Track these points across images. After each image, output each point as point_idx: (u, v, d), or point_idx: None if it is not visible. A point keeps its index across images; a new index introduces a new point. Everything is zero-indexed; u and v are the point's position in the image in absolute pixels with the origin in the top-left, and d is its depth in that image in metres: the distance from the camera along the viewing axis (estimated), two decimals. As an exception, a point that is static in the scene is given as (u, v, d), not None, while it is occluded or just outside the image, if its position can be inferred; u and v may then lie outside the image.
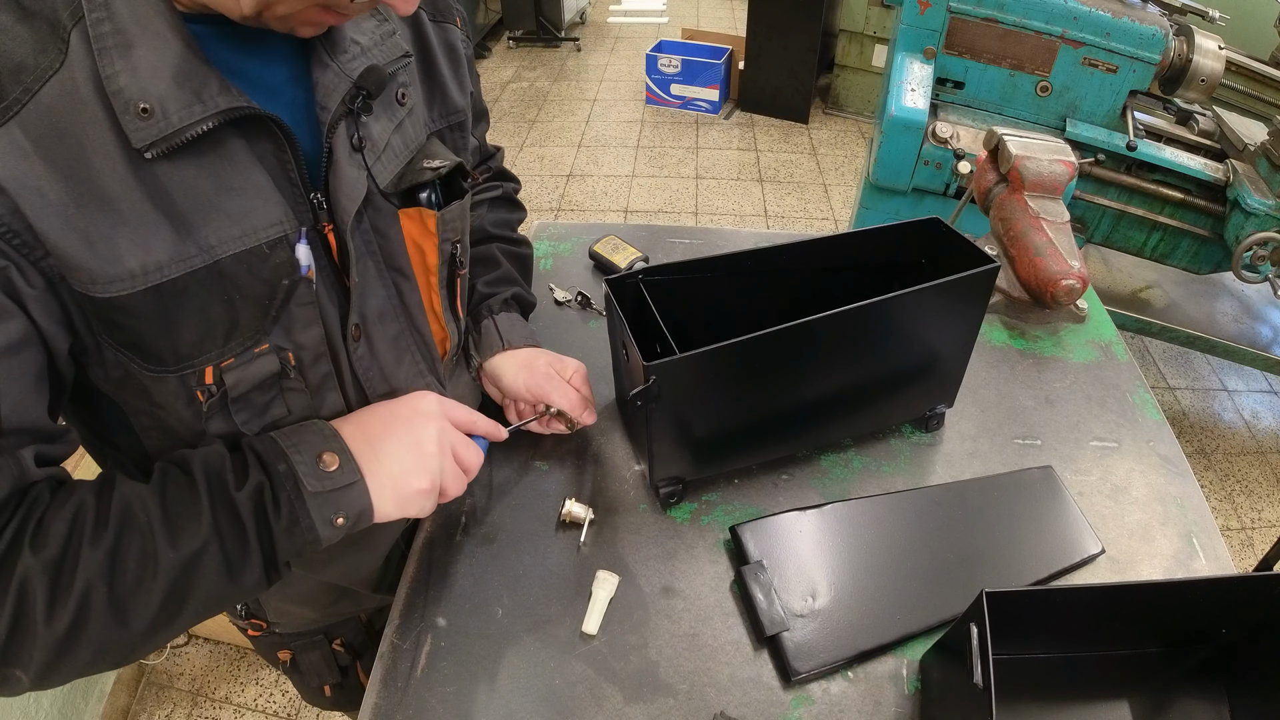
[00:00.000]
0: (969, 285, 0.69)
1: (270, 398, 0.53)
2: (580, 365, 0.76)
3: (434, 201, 0.60)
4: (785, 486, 0.77)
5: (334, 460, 0.52)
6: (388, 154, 0.55)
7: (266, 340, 0.51)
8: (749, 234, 1.17)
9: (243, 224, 0.47)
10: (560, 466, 0.79)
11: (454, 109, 0.64)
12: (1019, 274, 0.97)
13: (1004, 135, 1.00)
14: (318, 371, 0.55)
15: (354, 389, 0.59)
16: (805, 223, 3.02)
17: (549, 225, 1.16)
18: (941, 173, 1.73)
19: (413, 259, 0.60)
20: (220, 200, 0.46)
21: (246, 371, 0.51)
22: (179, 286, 0.46)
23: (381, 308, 0.59)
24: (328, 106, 0.50)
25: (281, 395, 0.54)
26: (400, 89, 0.56)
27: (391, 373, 0.61)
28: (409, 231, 0.59)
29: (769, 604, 0.64)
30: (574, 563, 0.70)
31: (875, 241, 0.76)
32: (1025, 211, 0.97)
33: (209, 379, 0.50)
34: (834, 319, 0.64)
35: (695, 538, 0.73)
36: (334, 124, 0.50)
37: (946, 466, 0.79)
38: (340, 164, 0.51)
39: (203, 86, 0.43)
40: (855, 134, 3.65)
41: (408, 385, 0.63)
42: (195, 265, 0.46)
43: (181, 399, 0.51)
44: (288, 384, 0.54)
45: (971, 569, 0.68)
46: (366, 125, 0.53)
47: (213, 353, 0.49)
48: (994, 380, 0.90)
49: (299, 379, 0.54)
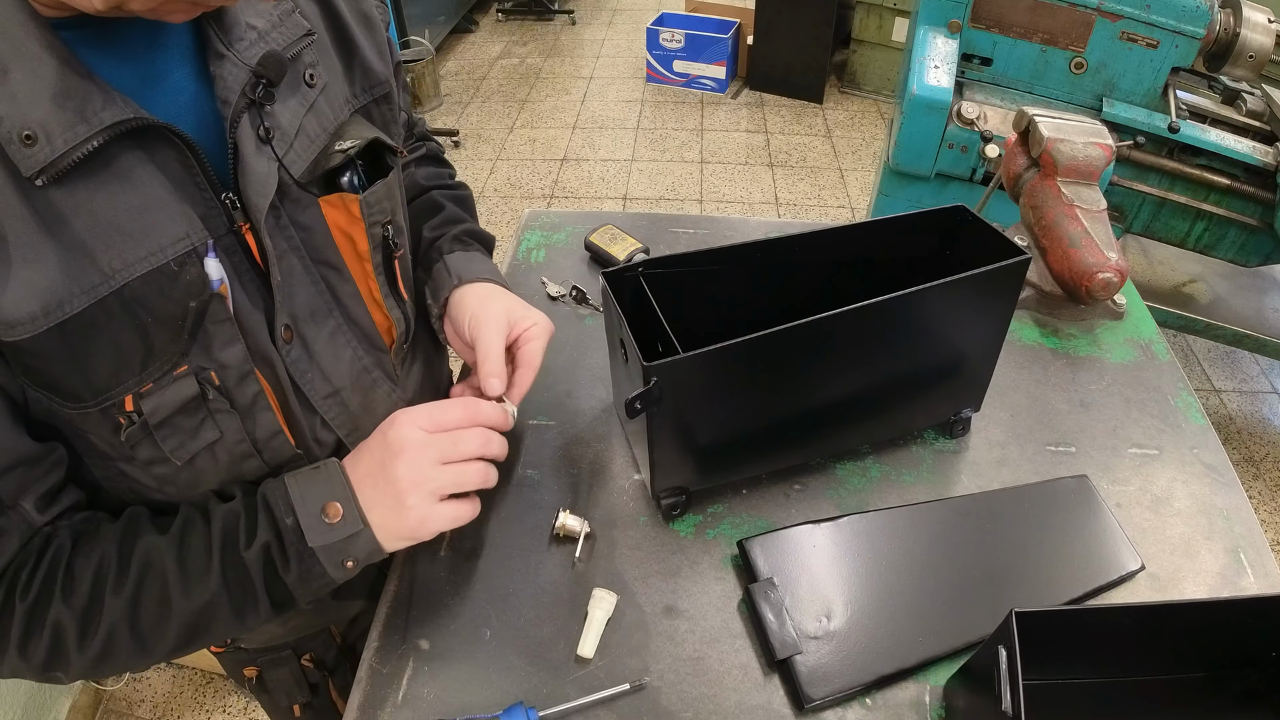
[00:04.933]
0: (997, 279, 0.69)
1: (198, 421, 0.55)
2: (545, 324, 0.72)
3: (357, 184, 0.61)
4: (798, 497, 0.77)
5: (337, 511, 0.55)
6: (301, 141, 0.56)
7: (185, 362, 0.52)
8: (758, 223, 1.18)
9: (147, 243, 0.48)
10: (553, 475, 0.79)
11: (377, 80, 0.64)
12: (1052, 266, 0.97)
13: (1035, 116, 1.00)
14: (246, 390, 0.56)
15: (295, 396, 0.60)
16: (819, 211, 3.02)
17: (541, 214, 1.16)
18: (967, 157, 1.73)
19: (342, 249, 0.61)
20: (120, 220, 0.47)
21: (164, 397, 0.52)
22: (85, 320, 0.47)
23: (312, 305, 0.60)
24: (228, 100, 0.51)
25: (210, 417, 0.55)
26: (307, 70, 0.57)
27: (332, 371, 0.62)
28: (334, 220, 0.59)
29: (780, 625, 0.65)
30: (568, 580, 0.70)
31: (895, 231, 0.76)
32: (1058, 199, 0.97)
33: (129, 406, 0.52)
34: (851, 315, 0.64)
35: (700, 553, 0.73)
36: (236, 117, 0.51)
37: (973, 475, 0.80)
38: (247, 159, 0.52)
39: (85, 103, 0.44)
40: (874, 115, 3.66)
41: (353, 383, 0.64)
42: (100, 294, 0.47)
43: (106, 428, 0.52)
44: (213, 405, 0.55)
45: (1000, 587, 0.68)
46: (273, 114, 0.53)
47: (130, 382, 0.51)
48: (1024, 382, 0.90)
49: (223, 399, 0.55)
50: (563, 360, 0.92)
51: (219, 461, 0.57)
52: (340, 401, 0.64)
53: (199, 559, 0.54)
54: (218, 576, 0.54)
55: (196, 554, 0.54)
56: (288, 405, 0.60)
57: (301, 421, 0.62)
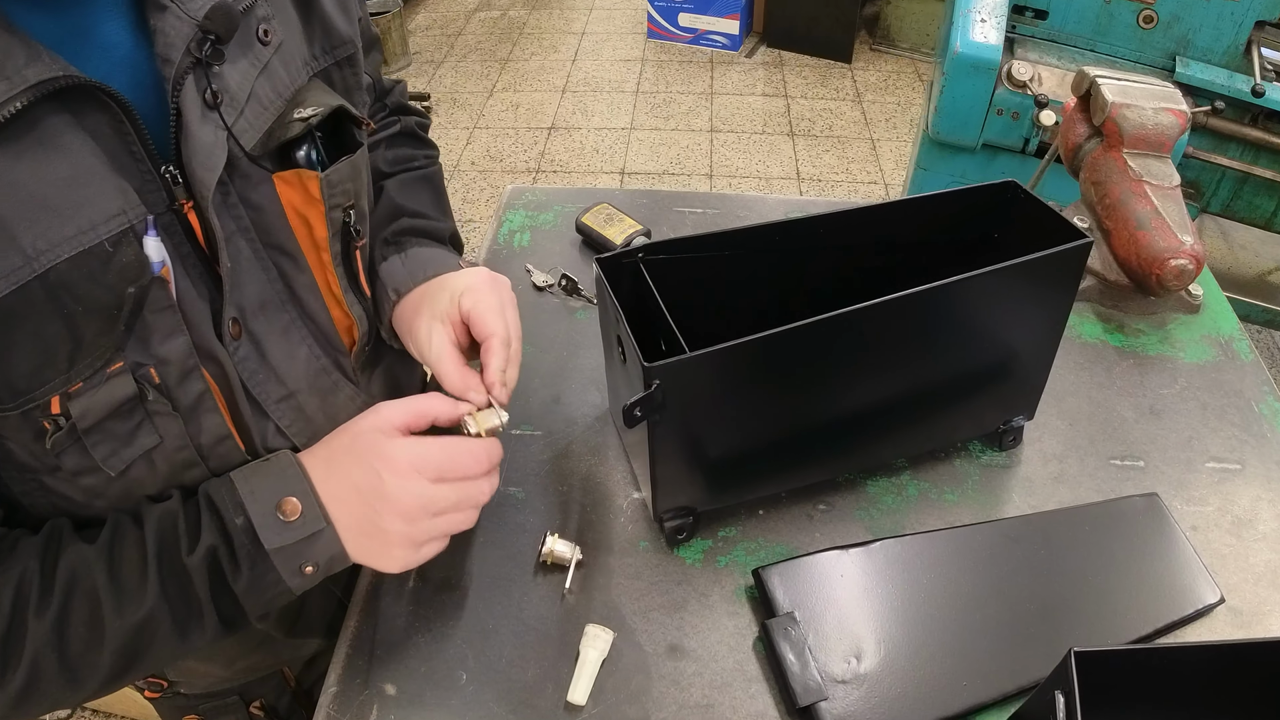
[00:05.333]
0: (1054, 266, 0.69)
1: (134, 425, 0.54)
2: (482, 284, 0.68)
3: (317, 160, 0.61)
4: (823, 519, 0.77)
5: (295, 508, 0.55)
6: (253, 107, 0.56)
7: (120, 358, 0.52)
8: (777, 201, 1.18)
9: (76, 220, 0.48)
10: (539, 493, 0.79)
11: (340, 40, 0.64)
12: (1117, 252, 0.97)
13: (1098, 78, 1.00)
14: (189, 389, 0.56)
15: (244, 398, 0.60)
16: (848, 187, 3.03)
17: (525, 191, 1.16)
18: (1019, 125, 1.72)
19: (297, 233, 0.61)
20: (46, 194, 0.47)
21: (95, 398, 0.52)
22: (3, 309, 0.46)
23: (262, 295, 0.60)
24: (170, 59, 0.51)
25: (149, 420, 0.55)
26: (260, 24, 0.56)
27: (286, 372, 0.63)
28: (289, 200, 0.59)
29: (802, 667, 0.64)
30: (557, 615, 0.70)
31: (936, 211, 0.76)
32: (1124, 173, 0.97)
33: (55, 409, 0.51)
34: (885, 309, 0.63)
35: (709, 583, 0.73)
36: (180, 79, 0.51)
37: (1025, 494, 0.80)
38: (192, 127, 0.52)
39: (5, 59, 0.43)
40: (910, 76, 3.66)
41: (310, 385, 0.65)
42: (22, 279, 0.46)
43: (28, 435, 0.52)
44: (152, 407, 0.54)
45: (1057, 623, 0.68)
46: (221, 75, 0.53)
47: (56, 381, 0.50)
48: (1084, 385, 0.90)
49: (164, 400, 0.55)
50: (550, 361, 0.92)
51: (157, 471, 0.57)
52: (296, 405, 0.64)
53: (133, 570, 0.54)
54: (155, 588, 0.53)
55: (130, 564, 0.54)
56: (236, 407, 0.60)
57: (252, 427, 0.62)
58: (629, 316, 0.64)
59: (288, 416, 0.64)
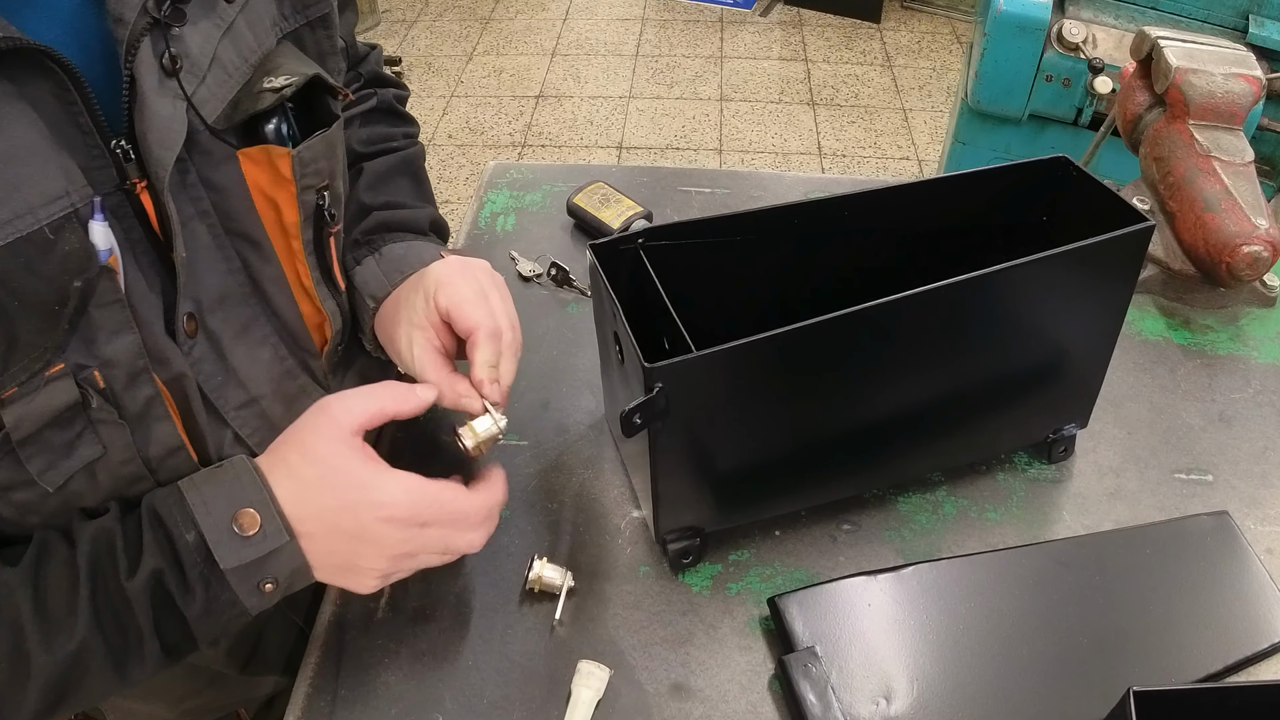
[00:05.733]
0: (1110, 253, 0.69)
1: (75, 435, 0.54)
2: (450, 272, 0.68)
3: (287, 134, 0.61)
4: (847, 540, 0.77)
5: (253, 521, 0.55)
6: (216, 74, 0.56)
7: (60, 359, 0.52)
8: (796, 180, 1.18)
9: (11, 203, 0.47)
10: (526, 512, 0.79)
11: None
12: (1182, 237, 0.97)
13: (1160, 39, 1.00)
14: (137, 395, 0.56)
15: (200, 404, 0.60)
16: (876, 164, 3.02)
17: (510, 168, 1.16)
18: (1070, 93, 1.72)
19: (264, 217, 0.61)
20: None
21: (32, 405, 0.51)
22: None
23: (222, 288, 0.60)
24: (124, 18, 0.50)
25: (91, 429, 0.55)
26: None
27: (248, 375, 0.63)
28: (255, 180, 0.59)
29: (824, 708, 0.64)
30: (545, 649, 0.70)
31: (976, 191, 0.76)
32: (1190, 148, 0.96)
33: None
34: (918, 302, 0.63)
35: (719, 614, 0.72)
36: (135, 41, 0.51)
37: (1078, 512, 0.79)
38: (148, 97, 0.52)
39: None
40: (947, 38, 3.66)
41: (275, 390, 0.65)
42: None
43: None
44: (96, 414, 0.54)
45: (1113, 659, 0.68)
46: (181, 38, 0.53)
47: None
48: (1145, 389, 0.90)
49: (109, 407, 0.55)
50: (538, 361, 0.92)
51: (100, 485, 0.57)
52: (258, 412, 0.65)
53: (61, 596, 0.53)
54: (88, 618, 0.53)
55: (58, 590, 0.53)
56: (191, 414, 0.60)
57: (207, 436, 0.62)
58: (627, 311, 0.63)
59: (249, 424, 0.64)
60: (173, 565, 0.54)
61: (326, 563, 0.59)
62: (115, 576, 0.54)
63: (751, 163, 3.01)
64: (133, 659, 0.55)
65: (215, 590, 0.55)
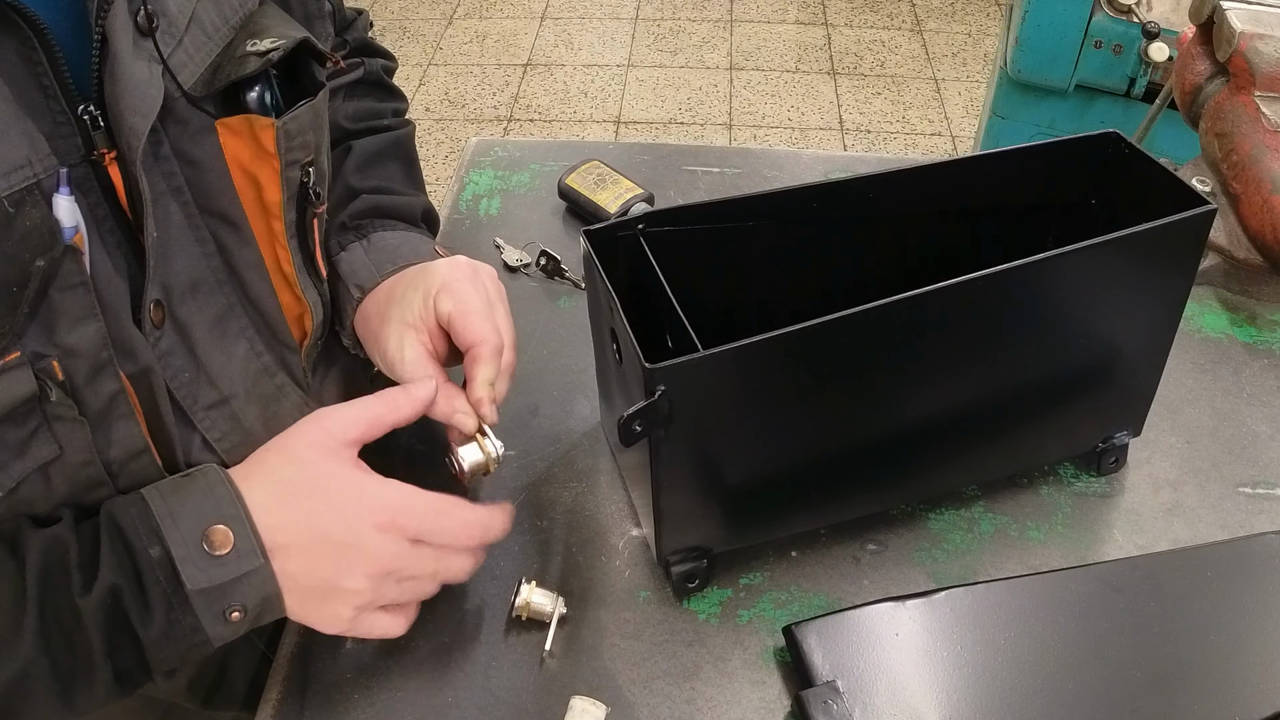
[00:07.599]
0: (1166, 240, 0.68)
1: (29, 432, 0.54)
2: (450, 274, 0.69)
3: (271, 104, 0.61)
4: (872, 563, 0.76)
5: (225, 538, 0.55)
6: (194, 35, 0.56)
7: (17, 347, 0.51)
8: (814, 158, 1.19)
9: None
10: (513, 529, 0.75)
11: None
12: (1247, 222, 0.96)
13: (1223, 2, 0.98)
14: (100, 390, 0.55)
15: (167, 402, 0.60)
16: (904, 140, 3.02)
17: (494, 144, 1.16)
18: (1122, 61, 1.72)
19: (243, 195, 0.61)
20: None
21: None
22: None
23: (195, 273, 0.60)
24: None
25: (46, 426, 0.54)
26: None
27: (219, 371, 0.63)
28: (234, 153, 0.59)
29: (848, 751, 0.64)
30: (534, 684, 0.69)
31: (1016, 170, 0.76)
32: (1257, 123, 0.95)
33: None
34: (951, 295, 0.63)
35: (729, 644, 0.71)
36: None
37: (1130, 530, 0.79)
38: (121, 58, 0.52)
39: None
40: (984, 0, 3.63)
41: (249, 389, 0.65)
42: None
43: None
44: (53, 410, 0.54)
45: (1170, 694, 0.67)
46: None
47: None
48: (1206, 392, 0.89)
49: (68, 402, 0.54)
50: (526, 362, 0.91)
51: (54, 490, 0.57)
52: (230, 414, 0.65)
53: (5, 612, 0.52)
54: (34, 636, 0.52)
55: (2, 606, 0.53)
56: (156, 413, 0.60)
57: (174, 438, 0.62)
58: (626, 305, 0.63)
59: (219, 427, 0.64)
60: (132, 582, 0.54)
61: (303, 584, 0.58)
62: (67, 591, 0.53)
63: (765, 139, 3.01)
64: (81, 684, 0.54)
65: (177, 614, 0.54)
